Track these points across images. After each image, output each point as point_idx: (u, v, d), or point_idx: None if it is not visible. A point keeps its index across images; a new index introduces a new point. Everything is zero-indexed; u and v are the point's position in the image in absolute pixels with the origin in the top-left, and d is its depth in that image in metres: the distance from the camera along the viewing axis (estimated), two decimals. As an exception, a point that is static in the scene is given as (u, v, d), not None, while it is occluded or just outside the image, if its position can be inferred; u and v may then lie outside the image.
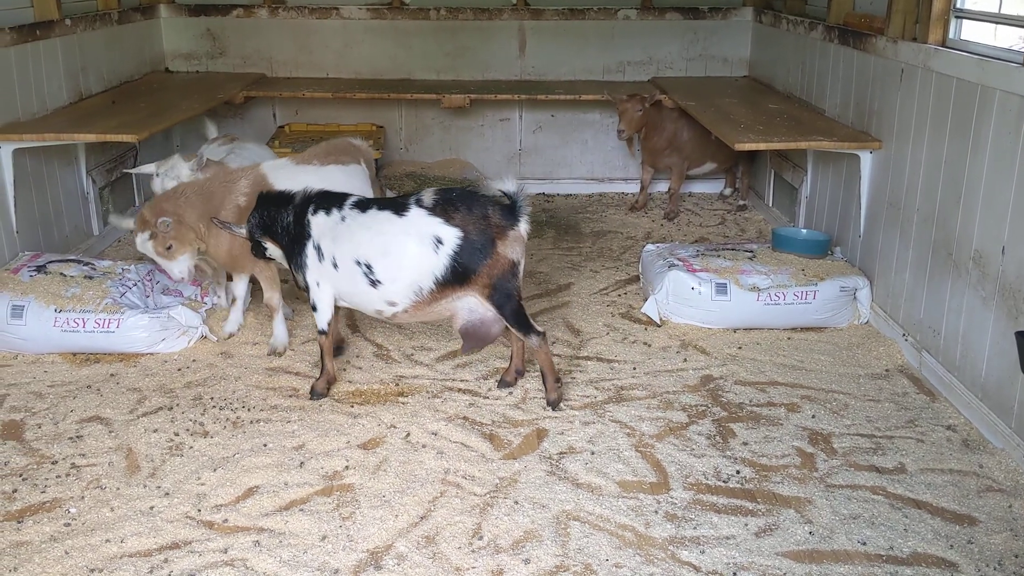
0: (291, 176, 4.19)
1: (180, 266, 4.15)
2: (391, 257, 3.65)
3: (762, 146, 4.82)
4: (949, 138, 4.04)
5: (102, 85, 5.99)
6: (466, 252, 3.60)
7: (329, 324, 3.90)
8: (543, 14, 7.08)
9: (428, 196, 3.69)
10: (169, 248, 4.08)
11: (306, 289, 3.89)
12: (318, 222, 3.77)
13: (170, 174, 4.45)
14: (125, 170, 4.88)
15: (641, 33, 7.14)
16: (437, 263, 3.61)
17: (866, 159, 4.81)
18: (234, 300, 4.57)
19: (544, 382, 3.88)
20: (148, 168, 4.62)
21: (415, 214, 3.65)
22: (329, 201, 3.82)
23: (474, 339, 3.81)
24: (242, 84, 6.55)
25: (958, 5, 4.29)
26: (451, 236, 3.60)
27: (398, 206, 3.71)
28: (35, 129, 4.80)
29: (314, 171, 4.30)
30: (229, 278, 4.66)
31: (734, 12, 7.12)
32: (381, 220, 3.70)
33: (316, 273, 3.81)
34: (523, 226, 3.67)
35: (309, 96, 6.59)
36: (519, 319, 3.72)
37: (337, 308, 3.91)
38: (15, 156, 4.74)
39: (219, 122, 6.06)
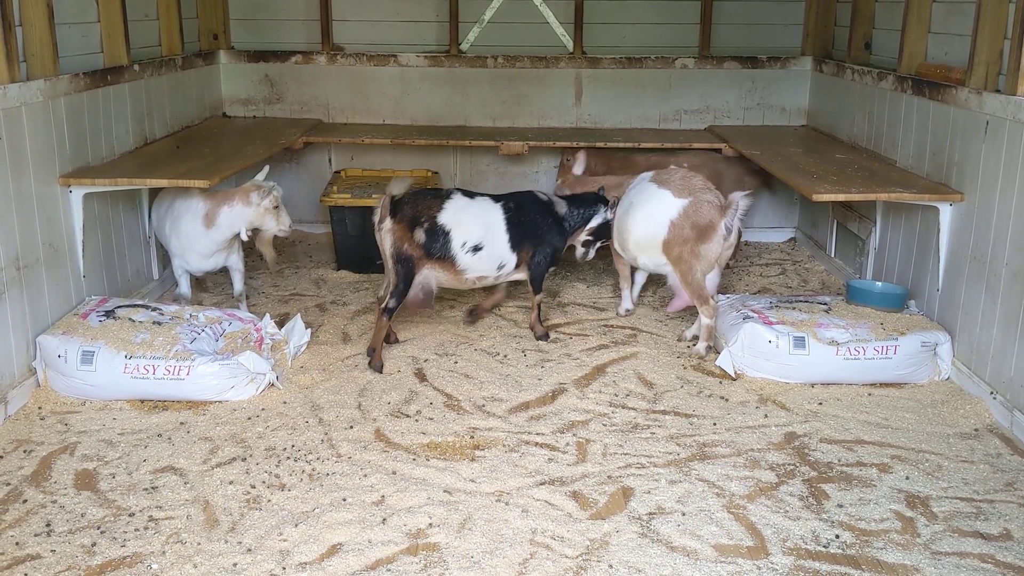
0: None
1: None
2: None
3: (840, 197, 4.72)
4: (1042, 192, 3.94)
5: (165, 130, 6.01)
6: None
7: None
8: (600, 63, 7.07)
9: None
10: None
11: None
12: None
13: None
14: None
15: (698, 82, 7.11)
16: None
17: (946, 211, 4.70)
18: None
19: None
20: None
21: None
22: None
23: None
24: (301, 130, 6.56)
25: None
26: None
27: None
28: (106, 174, 4.79)
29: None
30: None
31: (793, 61, 7.08)
32: None
33: None
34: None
35: (368, 142, 6.59)
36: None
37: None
38: (84, 200, 4.75)
39: (274, 166, 6.06)
